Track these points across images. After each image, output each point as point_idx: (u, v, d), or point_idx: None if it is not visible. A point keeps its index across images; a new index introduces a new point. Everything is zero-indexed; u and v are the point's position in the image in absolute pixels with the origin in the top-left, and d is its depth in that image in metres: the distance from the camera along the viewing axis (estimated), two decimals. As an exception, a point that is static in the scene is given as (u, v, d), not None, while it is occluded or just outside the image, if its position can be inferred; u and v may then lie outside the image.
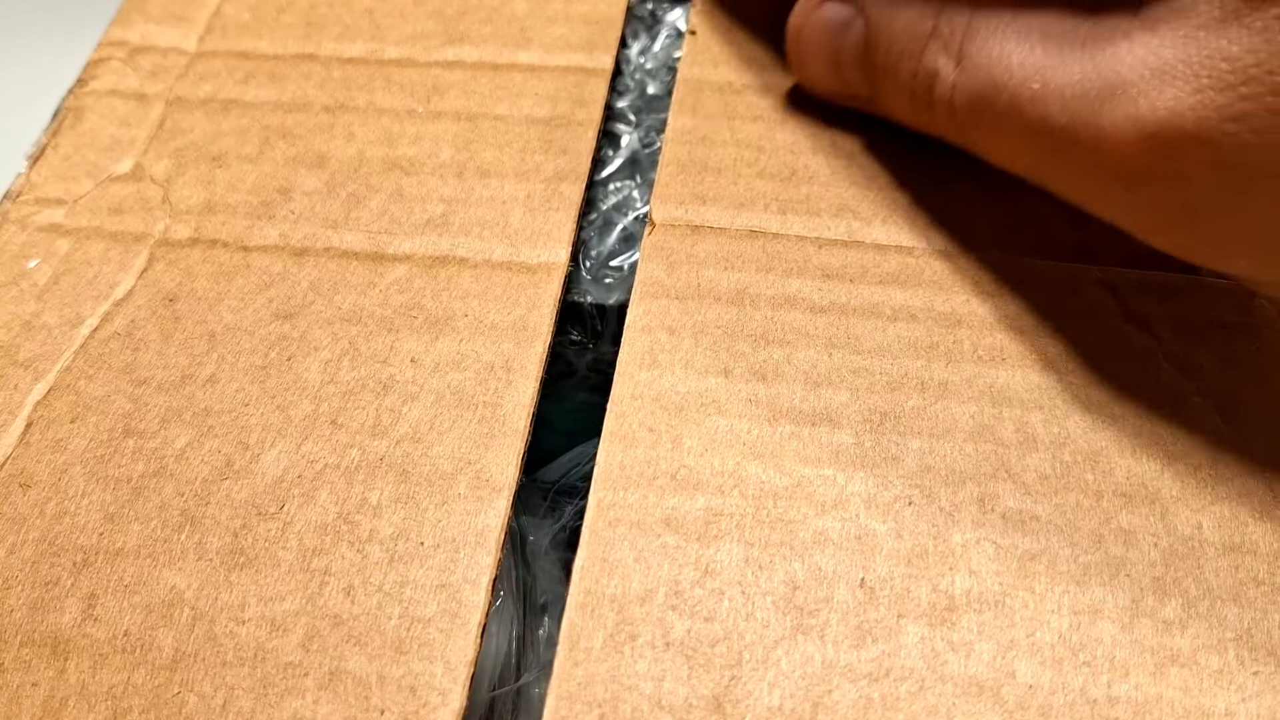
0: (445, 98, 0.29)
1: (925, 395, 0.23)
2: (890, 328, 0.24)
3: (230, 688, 0.20)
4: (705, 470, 0.22)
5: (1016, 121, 0.22)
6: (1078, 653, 0.20)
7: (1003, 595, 0.20)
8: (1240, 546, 0.21)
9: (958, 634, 0.20)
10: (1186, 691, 0.19)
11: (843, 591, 0.21)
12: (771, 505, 0.22)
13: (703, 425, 0.23)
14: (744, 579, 0.21)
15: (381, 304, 0.25)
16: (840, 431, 0.22)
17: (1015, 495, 0.22)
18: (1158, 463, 0.22)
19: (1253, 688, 0.19)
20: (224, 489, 0.22)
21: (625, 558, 0.21)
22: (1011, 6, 0.22)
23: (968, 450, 0.22)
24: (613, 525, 0.22)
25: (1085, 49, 0.20)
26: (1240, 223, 0.19)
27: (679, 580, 0.21)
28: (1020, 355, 0.23)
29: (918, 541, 0.21)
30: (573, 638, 0.20)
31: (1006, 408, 0.23)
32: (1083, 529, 0.21)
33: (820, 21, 0.26)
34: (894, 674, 0.20)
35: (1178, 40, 0.19)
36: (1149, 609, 0.20)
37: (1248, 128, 0.18)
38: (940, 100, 0.23)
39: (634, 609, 0.21)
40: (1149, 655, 0.20)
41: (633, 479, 0.22)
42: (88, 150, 0.28)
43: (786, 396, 0.23)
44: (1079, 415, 0.23)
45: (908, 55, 0.24)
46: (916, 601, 0.20)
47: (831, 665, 0.20)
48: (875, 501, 0.22)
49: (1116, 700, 0.19)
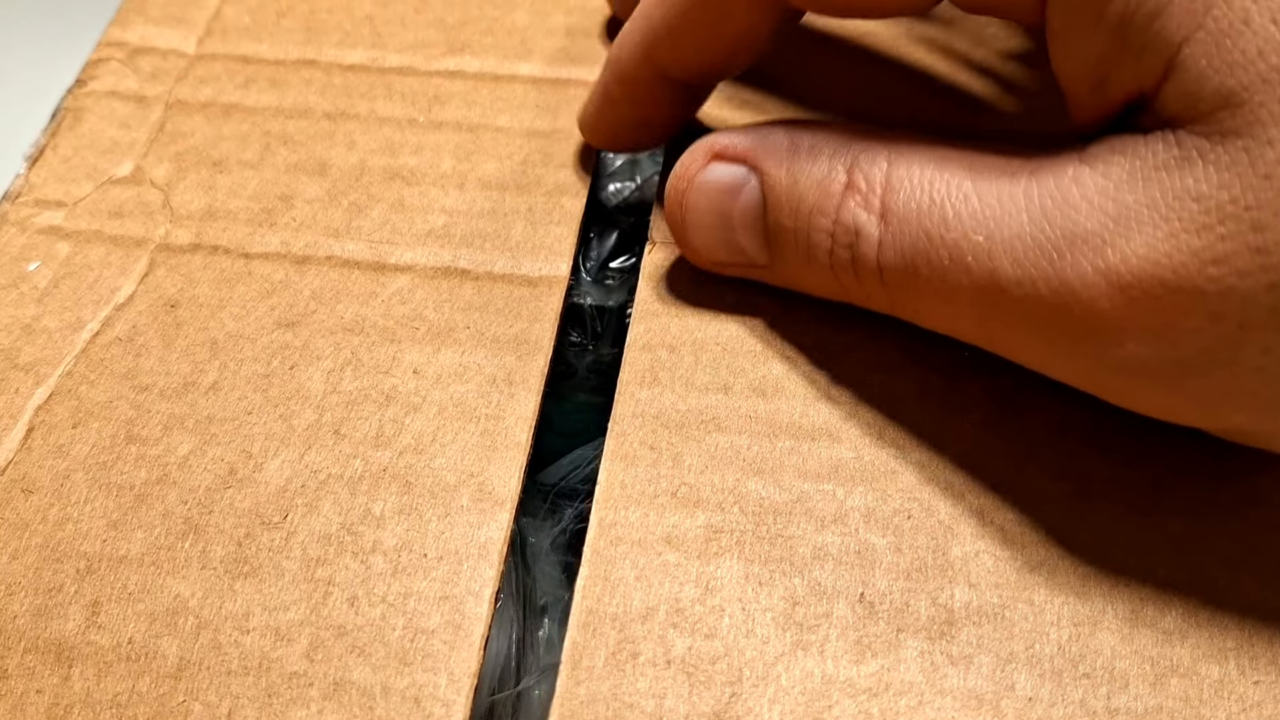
0: (446, 108, 0.29)
1: (925, 408, 0.23)
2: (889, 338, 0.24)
3: (235, 697, 0.20)
4: (706, 487, 0.22)
5: (960, 280, 0.19)
6: (1077, 664, 0.20)
7: (1002, 608, 0.21)
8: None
9: (957, 647, 0.20)
10: (1187, 702, 0.20)
11: (842, 607, 0.21)
12: (771, 521, 0.22)
13: (703, 442, 0.23)
14: (744, 595, 0.21)
15: (384, 314, 0.25)
16: (840, 446, 0.23)
17: (1015, 507, 0.22)
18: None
19: (1254, 698, 0.20)
20: (227, 497, 0.22)
21: (626, 576, 0.21)
22: (932, 146, 0.20)
23: (967, 463, 0.22)
24: (614, 544, 0.22)
25: (1028, 193, 0.18)
26: (1234, 375, 0.17)
27: (679, 598, 0.21)
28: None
29: (917, 555, 0.21)
30: (575, 656, 0.21)
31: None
32: (1082, 538, 0.22)
33: (707, 184, 0.23)
34: (893, 688, 0.20)
35: (1135, 182, 0.17)
36: (1149, 619, 0.21)
37: (1232, 270, 0.16)
38: (864, 263, 0.21)
39: (635, 627, 0.21)
40: (1149, 666, 0.20)
41: (634, 497, 0.22)
42: (87, 152, 0.28)
43: (786, 412, 0.23)
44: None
45: (819, 214, 0.21)
46: (915, 615, 0.21)
47: (832, 681, 0.20)
48: (875, 515, 0.22)
49: (1116, 712, 0.20)
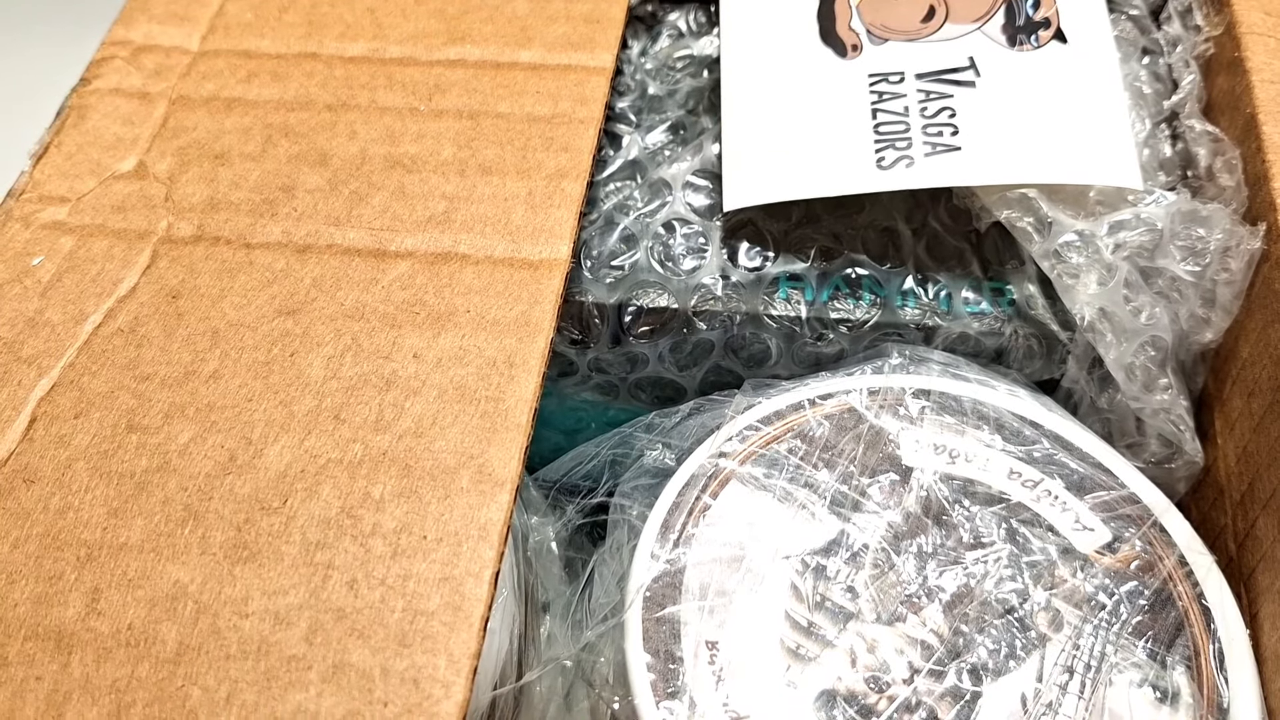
0: (447, 96, 0.29)
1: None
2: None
3: (234, 681, 0.20)
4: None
5: None
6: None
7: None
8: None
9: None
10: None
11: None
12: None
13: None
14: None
15: (384, 300, 0.25)
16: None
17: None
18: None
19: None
20: (227, 483, 0.22)
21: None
22: None
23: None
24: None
25: None
26: None
27: None
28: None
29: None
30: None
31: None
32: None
33: None
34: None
35: None
36: None
37: None
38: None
39: None
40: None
41: None
42: (91, 148, 0.28)
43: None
44: None
45: None
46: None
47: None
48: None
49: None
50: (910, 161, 0.28)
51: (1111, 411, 0.28)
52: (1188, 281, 0.27)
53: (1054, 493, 0.25)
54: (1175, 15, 0.31)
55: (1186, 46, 0.31)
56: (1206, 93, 0.30)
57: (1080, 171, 0.27)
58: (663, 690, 0.23)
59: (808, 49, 0.31)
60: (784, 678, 0.23)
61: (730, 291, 0.29)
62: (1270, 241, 0.26)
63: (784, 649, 0.23)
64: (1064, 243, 0.27)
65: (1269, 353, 0.25)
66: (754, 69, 0.31)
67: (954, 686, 0.22)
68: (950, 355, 0.28)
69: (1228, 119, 0.29)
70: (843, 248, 0.29)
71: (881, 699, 0.22)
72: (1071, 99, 0.28)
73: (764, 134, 0.29)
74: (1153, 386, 0.27)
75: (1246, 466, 0.26)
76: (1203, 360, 0.28)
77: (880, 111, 0.29)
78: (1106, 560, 0.24)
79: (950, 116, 0.28)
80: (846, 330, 0.28)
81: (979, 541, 0.24)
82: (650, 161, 0.31)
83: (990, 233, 0.29)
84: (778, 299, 0.29)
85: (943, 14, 0.31)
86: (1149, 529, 0.25)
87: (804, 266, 0.29)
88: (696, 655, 0.23)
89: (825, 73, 0.30)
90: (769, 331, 0.29)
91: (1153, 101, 0.30)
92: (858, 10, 0.31)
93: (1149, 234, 0.27)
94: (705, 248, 0.29)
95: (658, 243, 0.29)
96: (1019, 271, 0.29)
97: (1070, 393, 0.29)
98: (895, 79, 0.30)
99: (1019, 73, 0.29)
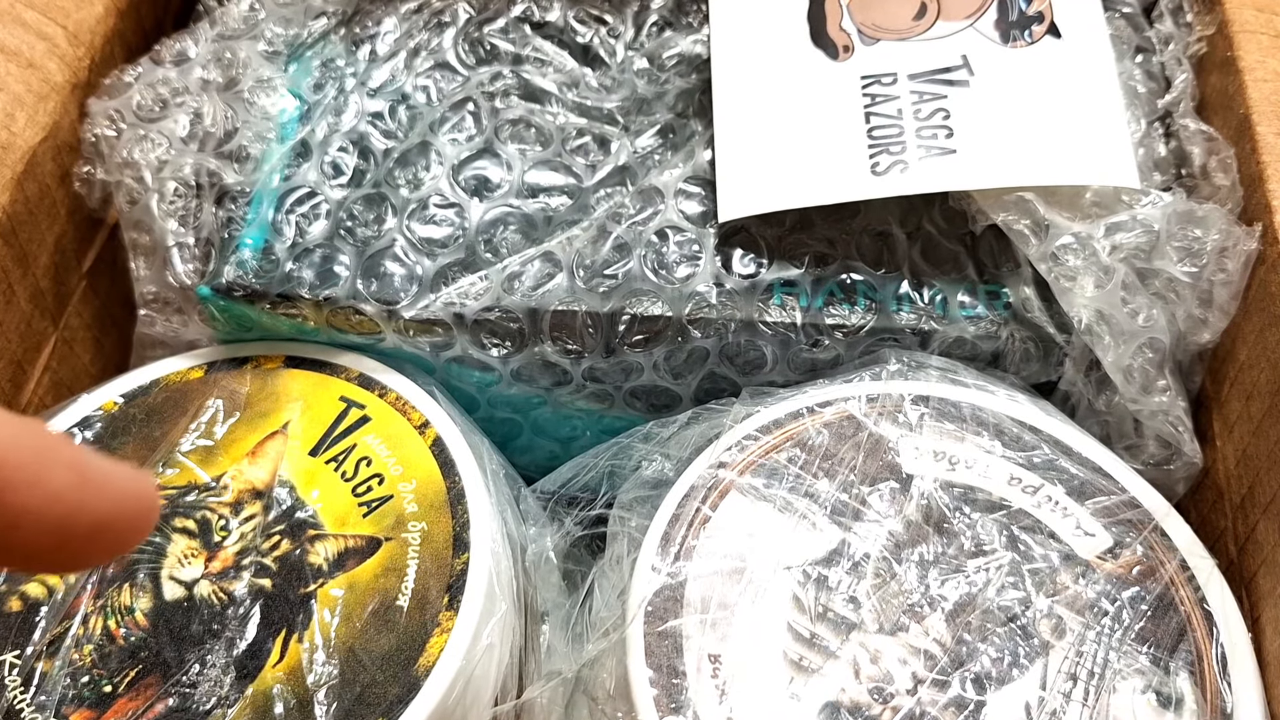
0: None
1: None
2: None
3: None
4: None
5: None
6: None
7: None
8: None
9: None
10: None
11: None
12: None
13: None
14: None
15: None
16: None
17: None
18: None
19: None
20: None
21: None
22: None
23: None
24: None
25: None
26: None
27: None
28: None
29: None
30: None
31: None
32: None
33: None
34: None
35: None
36: None
37: None
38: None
39: None
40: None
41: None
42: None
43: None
44: None
45: None
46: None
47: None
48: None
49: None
50: (905, 166, 0.28)
51: (1110, 414, 0.28)
52: (1184, 282, 0.26)
53: (1055, 498, 0.25)
54: (1167, 13, 0.31)
55: (1179, 44, 0.31)
56: (1199, 91, 0.30)
57: (1078, 172, 0.27)
58: (666, 705, 0.22)
59: (799, 52, 0.30)
60: (787, 690, 0.23)
61: (725, 299, 0.28)
62: (1266, 244, 0.26)
63: (787, 661, 0.23)
64: (1061, 245, 0.27)
65: (1266, 356, 0.25)
66: (746, 74, 0.31)
67: (958, 696, 0.22)
68: (948, 360, 0.28)
69: (1221, 118, 0.29)
70: (837, 253, 0.29)
71: (886, 710, 0.22)
72: (1067, 97, 0.28)
73: (757, 142, 0.29)
74: (1151, 388, 0.27)
75: (1246, 470, 0.26)
76: (1200, 361, 0.28)
77: (874, 115, 0.29)
78: (1108, 566, 0.24)
79: (944, 118, 0.28)
80: (842, 336, 0.28)
81: (980, 549, 0.24)
82: (640, 167, 0.31)
83: (985, 235, 0.29)
84: (772, 306, 0.28)
85: (934, 11, 0.31)
86: (1150, 534, 0.25)
87: (799, 273, 0.29)
88: (699, 669, 0.23)
89: (817, 76, 0.30)
90: (764, 339, 0.28)
91: (1146, 100, 0.30)
92: (848, 10, 0.31)
93: (1146, 235, 0.27)
94: (699, 255, 0.29)
95: (651, 251, 0.29)
96: (1015, 274, 0.29)
97: (1068, 395, 0.29)
98: (888, 80, 0.29)
99: (1013, 70, 0.29)
